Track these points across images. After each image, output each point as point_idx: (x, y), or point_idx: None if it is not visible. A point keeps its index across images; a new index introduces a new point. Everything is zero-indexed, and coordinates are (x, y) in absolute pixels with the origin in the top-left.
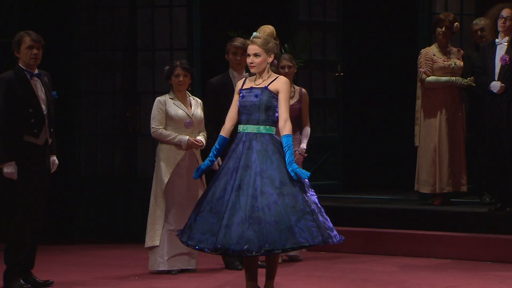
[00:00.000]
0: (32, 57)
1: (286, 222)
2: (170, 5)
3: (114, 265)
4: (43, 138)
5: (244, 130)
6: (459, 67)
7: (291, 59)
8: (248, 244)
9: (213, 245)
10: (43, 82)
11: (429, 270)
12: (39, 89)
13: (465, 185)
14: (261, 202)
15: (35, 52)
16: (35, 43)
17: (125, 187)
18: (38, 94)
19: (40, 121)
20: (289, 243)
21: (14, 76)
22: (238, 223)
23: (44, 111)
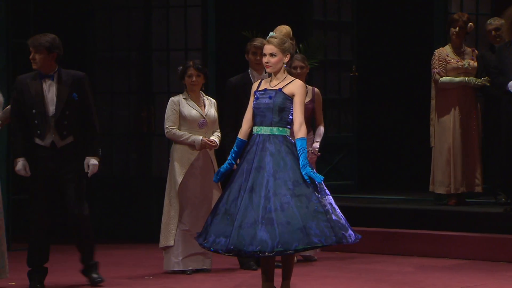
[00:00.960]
0: (32, 62)
1: (299, 222)
2: (185, 5)
3: (128, 265)
4: (49, 140)
5: (258, 131)
6: (473, 67)
7: (304, 59)
8: (261, 245)
9: (226, 247)
10: (60, 83)
11: (444, 271)
12: (49, 90)
13: (480, 186)
14: (274, 203)
15: (31, 57)
16: (32, 48)
17: (140, 187)
18: (46, 95)
19: (44, 122)
20: (301, 243)
21: (30, 77)
22: (250, 224)
23: (51, 113)
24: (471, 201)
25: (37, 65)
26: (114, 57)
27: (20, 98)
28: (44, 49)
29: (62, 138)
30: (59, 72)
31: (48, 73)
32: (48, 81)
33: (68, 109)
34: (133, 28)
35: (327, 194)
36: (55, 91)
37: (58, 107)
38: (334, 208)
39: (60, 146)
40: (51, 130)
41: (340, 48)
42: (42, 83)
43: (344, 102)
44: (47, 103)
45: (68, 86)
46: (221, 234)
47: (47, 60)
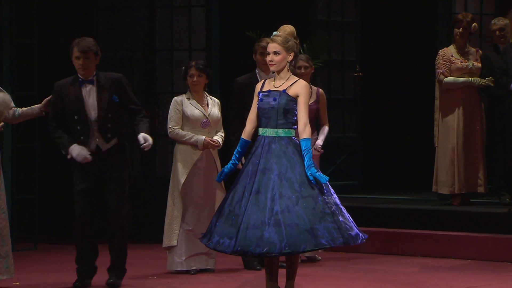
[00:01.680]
0: (79, 67)
1: (306, 224)
2: (189, 5)
3: (133, 265)
4: (93, 144)
5: (263, 133)
6: (477, 67)
7: (308, 59)
8: (269, 247)
9: (232, 248)
10: (99, 87)
11: (448, 271)
12: (90, 95)
13: (483, 186)
14: (281, 205)
15: (81, 63)
16: (81, 53)
17: (144, 187)
18: (87, 100)
19: (86, 128)
20: (309, 245)
21: (69, 82)
22: (257, 225)
23: (93, 118)
24: (475, 201)
25: (84, 70)
26: (117, 57)
27: (59, 103)
28: (93, 53)
29: (107, 141)
30: (97, 76)
31: (88, 78)
32: (88, 85)
33: (110, 112)
34: (137, 28)
35: (332, 195)
36: (96, 95)
37: (100, 111)
38: (340, 209)
39: (105, 149)
40: (95, 134)
41: (344, 48)
42: (81, 88)
43: (348, 102)
44: (88, 109)
45: (108, 89)
46: (225, 235)
47: (93, 64)
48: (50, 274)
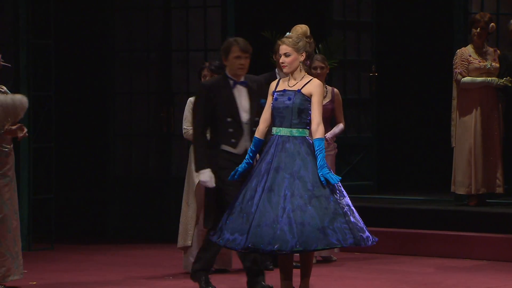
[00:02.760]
0: (240, 67)
1: (317, 223)
2: (204, 5)
3: (148, 265)
4: (242, 147)
5: (277, 132)
6: (495, 68)
7: (324, 59)
8: (279, 244)
9: (243, 245)
10: (249, 90)
11: (464, 272)
12: (242, 97)
13: (501, 186)
14: (293, 204)
15: (243, 62)
16: (243, 53)
17: (159, 187)
18: (239, 102)
19: (239, 130)
20: (320, 244)
21: (218, 83)
22: (269, 223)
23: (245, 120)
24: (492, 202)
25: (244, 71)
26: (133, 57)
27: (209, 105)
28: (249, 54)
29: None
30: (246, 78)
31: (240, 79)
32: (239, 87)
33: (257, 115)
34: (152, 28)
35: (345, 196)
36: (247, 97)
37: (252, 114)
38: (352, 210)
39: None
40: (244, 137)
41: (359, 48)
42: (233, 89)
43: (364, 102)
44: (241, 111)
45: (256, 92)
46: (236, 232)
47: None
48: (66, 274)
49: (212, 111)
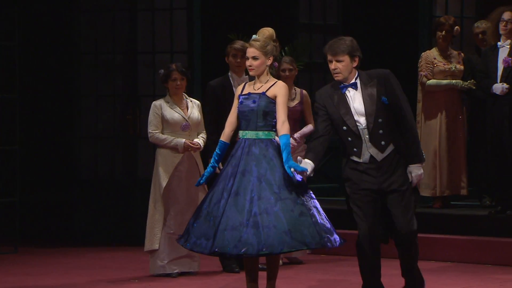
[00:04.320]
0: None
1: (284, 226)
2: (171, 8)
3: (114, 268)
4: (367, 156)
5: (243, 136)
6: (460, 70)
7: (292, 62)
8: (246, 248)
9: (210, 249)
10: (363, 89)
11: (429, 273)
12: (354, 100)
13: (465, 188)
14: (259, 207)
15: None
16: (333, 56)
17: (125, 190)
18: (353, 106)
19: (357, 138)
20: (287, 246)
21: (330, 89)
22: (235, 227)
23: (363, 125)
24: (456, 204)
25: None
26: (99, 59)
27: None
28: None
29: (381, 150)
30: (360, 77)
31: (349, 82)
32: (352, 90)
33: (380, 117)
34: (118, 30)
35: (312, 197)
36: (361, 99)
37: (369, 117)
38: (319, 211)
39: (381, 159)
40: (366, 144)
41: None
42: (345, 94)
43: None
44: (356, 116)
45: (374, 91)
46: (203, 235)
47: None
48: (31, 277)
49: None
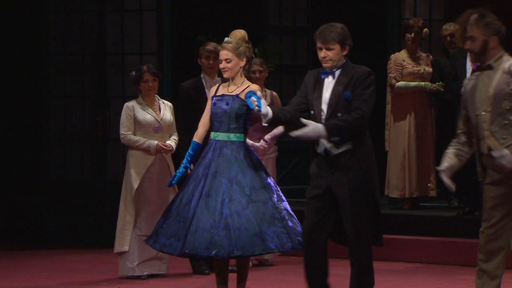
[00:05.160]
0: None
1: (255, 228)
2: (140, 9)
3: (83, 270)
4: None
5: (215, 137)
6: (428, 72)
7: (262, 63)
8: (217, 249)
9: (180, 250)
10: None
11: (398, 274)
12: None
13: (434, 190)
14: (230, 209)
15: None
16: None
17: (95, 191)
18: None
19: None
20: (258, 249)
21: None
22: (206, 228)
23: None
24: (425, 205)
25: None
26: (68, 61)
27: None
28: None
29: (336, 145)
30: (344, 67)
31: (333, 69)
32: (330, 78)
33: (340, 111)
34: (87, 31)
35: (283, 200)
36: (332, 89)
37: (329, 108)
38: (290, 214)
39: (335, 154)
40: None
41: (295, 52)
42: (324, 80)
43: None
44: (323, 104)
45: (344, 84)
46: (173, 236)
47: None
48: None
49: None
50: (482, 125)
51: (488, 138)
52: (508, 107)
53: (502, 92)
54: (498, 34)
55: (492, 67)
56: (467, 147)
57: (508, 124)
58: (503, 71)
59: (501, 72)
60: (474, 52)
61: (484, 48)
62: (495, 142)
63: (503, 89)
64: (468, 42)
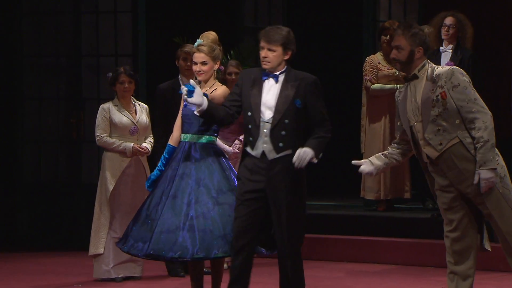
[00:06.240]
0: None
1: (220, 230)
2: (115, 10)
3: (58, 273)
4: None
5: (184, 139)
6: (403, 75)
7: (238, 65)
8: (181, 251)
9: (145, 251)
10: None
11: (373, 276)
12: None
13: (408, 192)
14: (196, 210)
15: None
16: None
17: (69, 194)
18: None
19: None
20: (221, 251)
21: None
22: (172, 230)
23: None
24: (399, 207)
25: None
26: (43, 62)
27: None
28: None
29: (277, 151)
30: (287, 73)
31: (274, 73)
32: (272, 81)
33: (288, 118)
34: (62, 33)
35: None
36: (276, 94)
37: (276, 114)
38: None
39: (272, 158)
40: (263, 138)
41: None
42: (264, 81)
43: None
44: (263, 107)
45: (293, 92)
46: (140, 239)
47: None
48: None
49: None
50: (417, 135)
51: (424, 147)
52: (437, 114)
53: (429, 100)
54: (423, 45)
55: (418, 76)
56: (400, 156)
57: (441, 129)
58: (427, 79)
59: (425, 80)
60: (399, 62)
61: (410, 58)
62: (432, 150)
63: (429, 96)
64: (394, 52)
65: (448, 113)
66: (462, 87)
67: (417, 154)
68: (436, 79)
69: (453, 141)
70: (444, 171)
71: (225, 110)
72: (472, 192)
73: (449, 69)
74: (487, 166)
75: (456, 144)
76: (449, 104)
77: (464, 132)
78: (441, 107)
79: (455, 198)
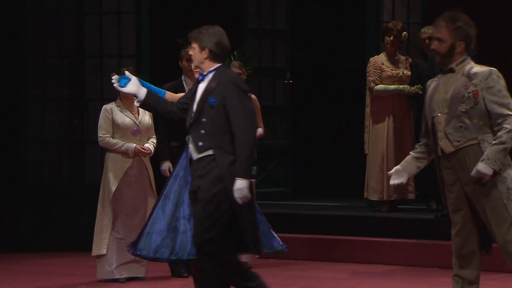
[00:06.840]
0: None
1: None
2: (118, 11)
3: (61, 274)
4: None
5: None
6: (407, 75)
7: (241, 66)
8: (162, 251)
9: (133, 252)
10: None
11: (377, 277)
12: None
13: (412, 192)
14: (183, 212)
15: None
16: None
17: (73, 194)
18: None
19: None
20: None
21: None
22: (159, 231)
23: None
24: (403, 208)
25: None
26: (46, 63)
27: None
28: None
29: (199, 151)
30: (215, 73)
31: (204, 73)
32: (203, 82)
33: (204, 117)
34: (65, 34)
35: None
36: (200, 93)
37: (195, 113)
38: None
39: (196, 159)
40: (188, 138)
41: (274, 55)
42: (199, 83)
43: (279, 110)
44: (194, 107)
45: (209, 89)
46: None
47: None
48: None
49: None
50: (437, 127)
51: (441, 140)
52: (464, 110)
53: (460, 95)
54: (465, 39)
55: (454, 70)
56: (428, 148)
57: (462, 127)
58: (462, 74)
59: (460, 75)
60: (439, 54)
61: (451, 52)
62: (449, 144)
63: (460, 91)
64: (435, 43)
65: (474, 112)
66: (497, 90)
67: (432, 146)
68: (472, 77)
69: (471, 142)
70: (455, 169)
71: (174, 105)
72: (475, 197)
73: (487, 70)
74: (489, 164)
75: (473, 145)
76: (479, 104)
77: (484, 135)
78: (470, 104)
79: (459, 199)
